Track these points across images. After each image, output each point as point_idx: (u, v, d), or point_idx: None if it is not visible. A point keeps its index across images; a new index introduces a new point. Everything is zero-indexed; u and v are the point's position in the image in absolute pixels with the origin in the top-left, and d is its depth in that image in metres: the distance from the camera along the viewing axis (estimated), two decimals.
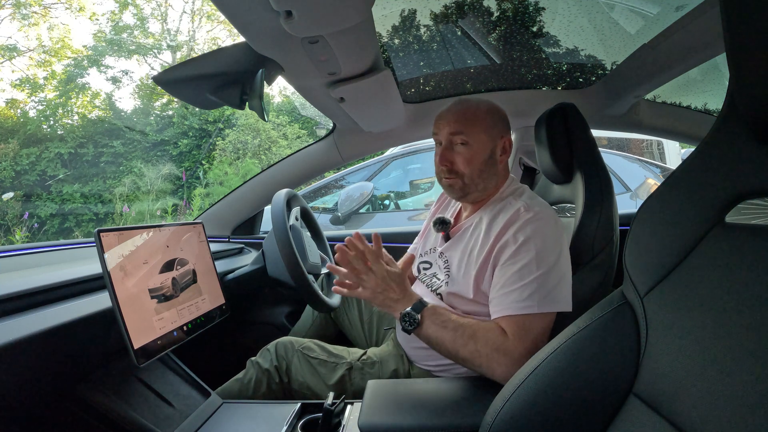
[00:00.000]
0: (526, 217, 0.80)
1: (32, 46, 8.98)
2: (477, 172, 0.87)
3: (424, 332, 0.77)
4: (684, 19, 0.90)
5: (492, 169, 0.89)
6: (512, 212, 0.82)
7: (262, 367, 0.96)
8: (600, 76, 1.33)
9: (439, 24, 1.11)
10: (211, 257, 1.00)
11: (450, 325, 0.76)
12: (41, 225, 6.92)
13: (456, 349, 0.75)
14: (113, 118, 8.39)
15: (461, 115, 0.87)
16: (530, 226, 0.79)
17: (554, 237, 0.80)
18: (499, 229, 0.82)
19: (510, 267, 0.78)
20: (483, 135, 0.87)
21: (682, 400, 0.40)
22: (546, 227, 0.79)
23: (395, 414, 0.66)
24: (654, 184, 2.67)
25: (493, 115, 0.89)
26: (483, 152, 0.87)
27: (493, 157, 0.88)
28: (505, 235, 0.81)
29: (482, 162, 0.87)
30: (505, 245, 0.79)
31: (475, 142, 0.86)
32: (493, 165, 0.89)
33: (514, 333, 0.73)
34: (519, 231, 0.79)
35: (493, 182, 0.91)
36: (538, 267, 0.76)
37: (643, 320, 0.46)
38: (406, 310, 0.78)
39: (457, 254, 0.89)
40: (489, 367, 0.72)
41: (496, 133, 0.88)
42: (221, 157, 7.35)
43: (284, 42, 0.76)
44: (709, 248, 0.42)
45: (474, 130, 0.86)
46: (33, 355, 0.60)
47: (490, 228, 0.84)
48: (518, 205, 0.83)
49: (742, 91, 0.38)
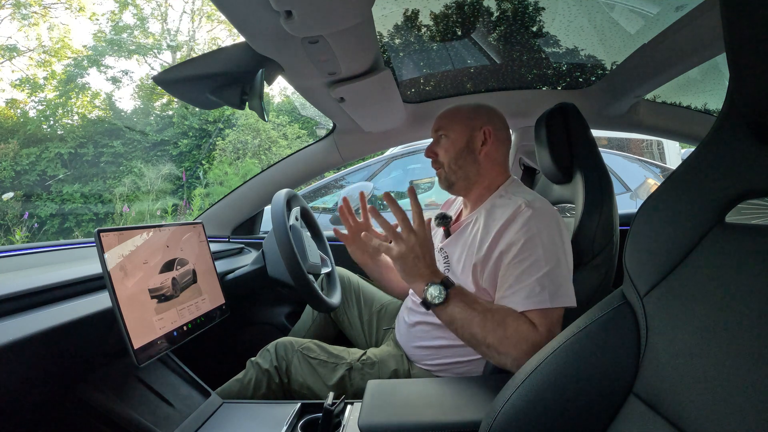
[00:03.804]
0: (527, 214, 0.80)
1: (32, 46, 8.99)
2: (453, 159, 0.93)
3: (449, 310, 0.75)
4: (684, 19, 0.90)
5: (469, 157, 0.93)
6: (513, 208, 0.82)
7: (262, 368, 0.96)
8: (600, 76, 1.33)
9: (440, 24, 1.11)
10: (211, 257, 1.00)
11: (478, 308, 0.74)
12: (41, 225, 6.92)
13: (484, 333, 0.72)
14: (113, 118, 8.39)
15: (444, 114, 0.97)
16: (534, 223, 0.79)
17: (558, 232, 0.80)
18: (500, 225, 0.82)
19: (519, 264, 0.77)
20: (459, 126, 0.94)
21: (683, 400, 0.40)
22: (549, 223, 0.80)
23: (395, 414, 0.66)
24: (654, 184, 2.67)
25: (476, 110, 0.94)
26: (459, 141, 0.93)
27: (470, 145, 0.93)
28: (507, 231, 0.81)
29: (459, 150, 0.93)
30: (511, 243, 0.79)
31: (451, 133, 0.94)
32: (470, 153, 0.93)
33: (542, 325, 0.73)
34: (523, 228, 0.79)
35: (474, 170, 0.93)
36: (547, 262, 0.76)
37: (643, 320, 0.46)
38: (434, 283, 0.75)
39: (457, 250, 0.91)
40: (514, 357, 0.71)
41: (475, 124, 0.93)
42: (221, 157, 7.35)
43: (284, 42, 0.76)
44: (709, 248, 0.42)
45: (451, 123, 0.95)
46: (33, 355, 0.60)
47: (489, 223, 0.85)
48: (519, 201, 0.83)
49: (742, 91, 0.38)
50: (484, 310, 0.74)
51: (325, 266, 1.23)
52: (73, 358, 0.69)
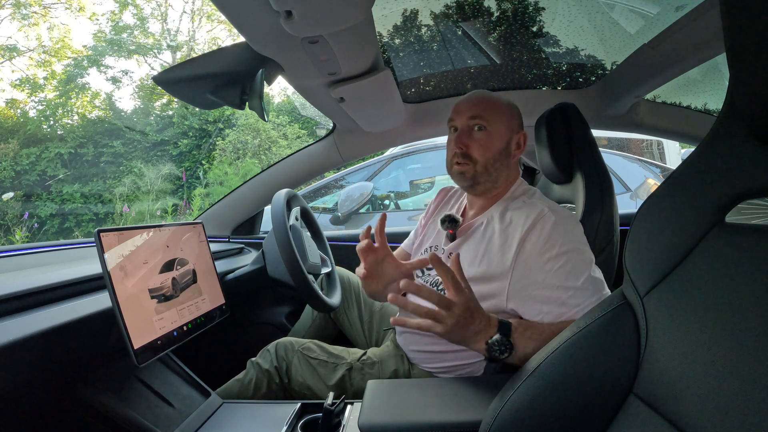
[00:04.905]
0: (552, 218, 0.78)
1: (32, 46, 8.99)
2: (491, 160, 0.85)
3: (519, 354, 0.68)
4: (684, 19, 0.90)
5: (505, 161, 0.87)
6: (536, 213, 0.79)
7: (262, 368, 0.96)
8: (600, 76, 1.33)
9: (440, 24, 1.11)
10: (211, 257, 1.00)
11: (540, 337, 0.68)
12: (41, 225, 6.92)
13: None
14: (113, 118, 8.39)
15: (483, 101, 0.87)
16: (562, 228, 0.77)
17: (582, 233, 0.80)
18: (525, 229, 0.78)
19: (558, 272, 0.74)
20: (501, 125, 0.86)
21: (683, 400, 0.40)
22: (574, 226, 0.80)
23: (395, 414, 0.66)
24: (654, 184, 2.67)
25: (512, 110, 0.90)
26: (500, 141, 0.86)
27: (508, 149, 0.87)
28: (531, 236, 0.77)
29: (498, 151, 0.86)
30: (544, 249, 0.76)
31: (493, 130, 0.85)
32: (506, 157, 0.87)
33: None
34: (552, 234, 0.76)
35: (504, 175, 0.88)
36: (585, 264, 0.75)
37: (643, 320, 0.46)
38: (494, 338, 0.68)
39: (469, 253, 0.86)
40: None
41: (513, 126, 0.88)
42: (221, 157, 7.35)
43: (284, 42, 0.76)
44: (709, 248, 0.42)
45: (494, 117, 0.86)
46: (33, 355, 0.60)
47: (506, 226, 0.82)
48: (540, 206, 0.81)
49: (742, 91, 0.38)
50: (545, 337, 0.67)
51: (325, 266, 1.23)
52: (73, 358, 0.69)
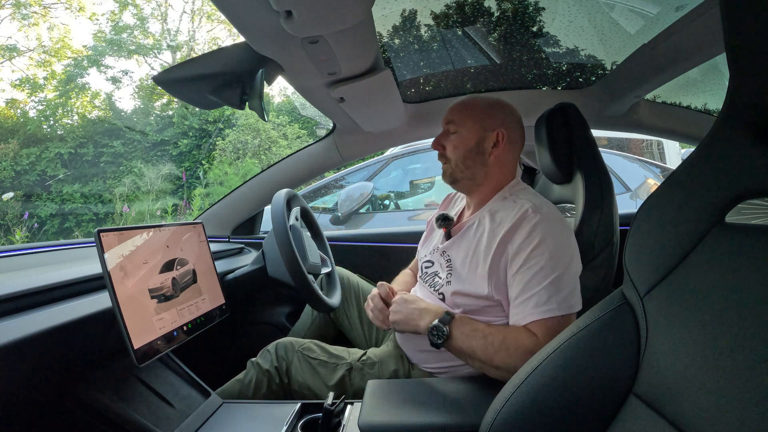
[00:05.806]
0: (534, 219, 0.79)
1: (32, 46, 9.00)
2: (461, 158, 0.90)
3: (454, 344, 0.76)
4: (684, 19, 0.90)
5: (478, 159, 0.89)
6: (520, 213, 0.81)
7: (263, 368, 0.96)
8: (600, 76, 1.33)
9: (440, 24, 1.11)
10: (211, 257, 1.00)
11: (479, 334, 0.75)
12: (41, 225, 6.92)
13: (489, 357, 0.73)
14: (113, 118, 8.39)
15: (458, 106, 0.93)
16: (540, 228, 0.78)
17: (565, 238, 0.80)
18: (507, 228, 0.80)
19: (526, 272, 0.76)
20: (471, 123, 0.89)
21: (683, 400, 0.40)
22: (556, 228, 0.79)
23: (395, 414, 0.66)
24: (654, 184, 2.67)
25: (492, 108, 0.90)
26: (469, 140, 0.89)
27: (480, 147, 0.89)
28: (515, 236, 0.79)
29: (467, 150, 0.89)
30: (519, 249, 0.78)
31: (462, 130, 0.90)
32: (479, 155, 0.89)
33: (544, 335, 0.72)
34: (531, 234, 0.78)
35: (481, 173, 0.90)
36: (553, 269, 0.75)
37: (643, 320, 0.46)
38: (434, 323, 0.77)
39: (461, 252, 0.88)
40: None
41: (488, 125, 0.89)
42: (221, 157, 7.35)
43: (284, 42, 0.76)
44: (709, 248, 0.42)
45: (464, 118, 0.90)
46: (33, 355, 0.60)
47: (496, 225, 0.84)
48: (526, 206, 0.81)
49: (742, 91, 0.38)
50: (485, 334, 0.75)
51: (325, 266, 1.23)
52: (73, 358, 0.69)
